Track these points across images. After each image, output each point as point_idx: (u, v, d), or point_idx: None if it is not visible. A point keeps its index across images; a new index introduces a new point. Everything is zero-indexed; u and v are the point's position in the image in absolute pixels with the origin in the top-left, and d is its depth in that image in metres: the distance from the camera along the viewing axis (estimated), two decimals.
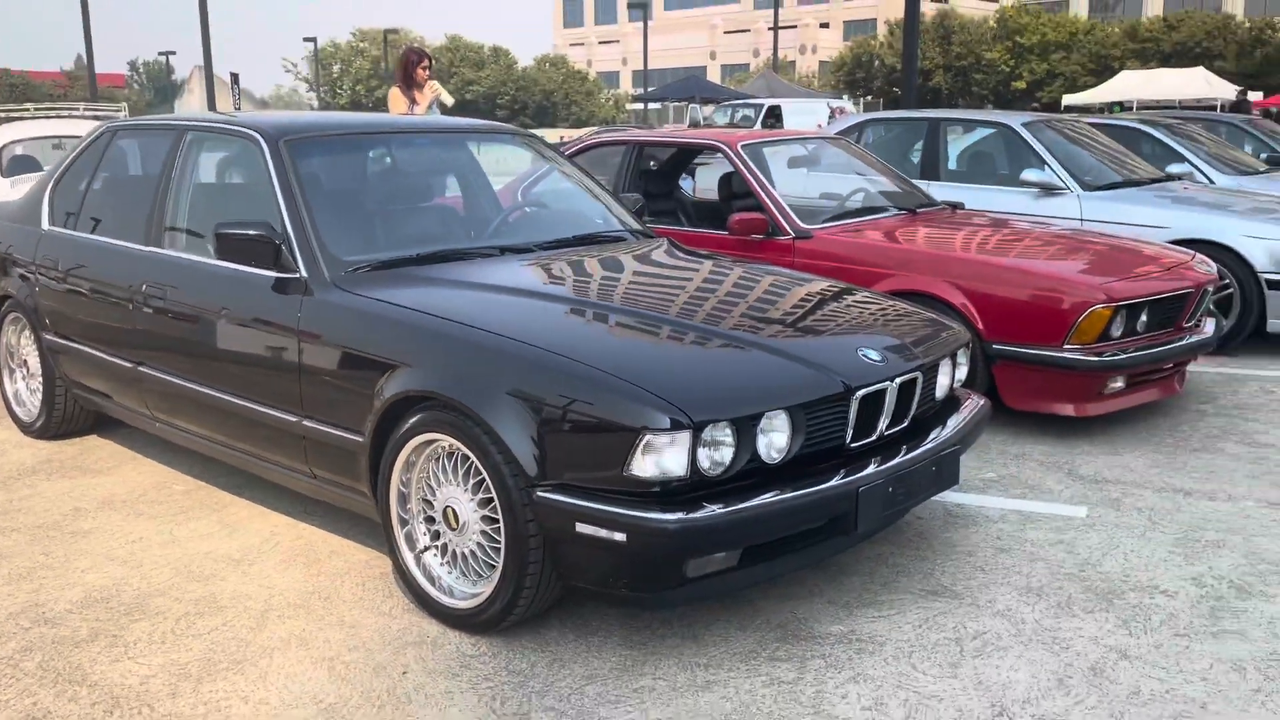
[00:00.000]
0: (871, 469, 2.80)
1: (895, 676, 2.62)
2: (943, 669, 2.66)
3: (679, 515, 2.46)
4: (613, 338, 2.87)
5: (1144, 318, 4.49)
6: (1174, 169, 7.67)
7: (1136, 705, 2.49)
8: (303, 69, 64.20)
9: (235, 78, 33.80)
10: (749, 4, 70.57)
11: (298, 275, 3.21)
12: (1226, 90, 31.86)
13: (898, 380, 2.92)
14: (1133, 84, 34.64)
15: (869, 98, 48.02)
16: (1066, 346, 4.34)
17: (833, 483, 2.70)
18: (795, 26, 64.54)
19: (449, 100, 7.58)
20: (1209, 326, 4.90)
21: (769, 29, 37.69)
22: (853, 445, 2.84)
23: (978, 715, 2.45)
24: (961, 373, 3.39)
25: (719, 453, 2.54)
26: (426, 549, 2.94)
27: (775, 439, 2.64)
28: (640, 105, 40.78)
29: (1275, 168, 9.01)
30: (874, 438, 2.91)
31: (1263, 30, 40.27)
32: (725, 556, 2.62)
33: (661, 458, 2.46)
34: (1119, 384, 4.47)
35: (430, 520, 2.92)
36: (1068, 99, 36.98)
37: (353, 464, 3.04)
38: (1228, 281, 5.95)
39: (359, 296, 3.09)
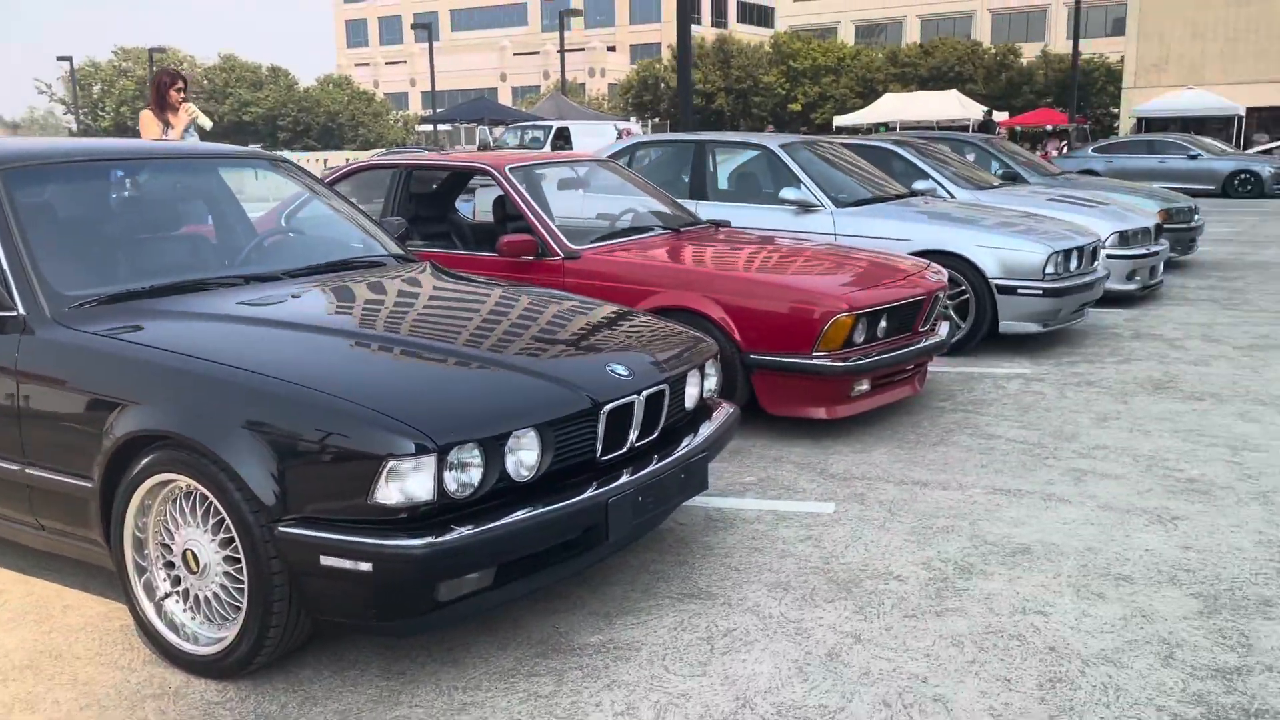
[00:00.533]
0: (620, 480, 2.89)
1: (648, 680, 2.71)
2: (693, 668, 2.77)
3: (427, 540, 2.46)
4: (354, 363, 2.83)
5: (884, 324, 4.84)
6: (919, 185, 8.33)
7: (866, 685, 2.68)
8: (58, 90, 59.51)
9: None
10: (537, 26, 71.15)
11: (15, 313, 3.00)
12: (977, 111, 34.83)
13: (645, 393, 3.03)
14: (895, 106, 37.34)
15: (656, 119, 49.34)
16: (815, 354, 4.63)
17: (583, 496, 2.77)
18: (584, 49, 65.56)
19: (206, 124, 7.26)
20: (943, 329, 5.35)
21: (558, 51, 38.12)
22: (604, 458, 2.93)
23: (723, 709, 2.57)
24: (711, 383, 3.56)
25: (467, 474, 2.56)
26: (168, 596, 2.81)
27: (524, 457, 2.68)
28: (430, 127, 40.21)
29: (1009, 182, 9.92)
30: (625, 450, 3.01)
31: (1006, 56, 44.22)
32: (479, 577, 2.64)
33: (406, 484, 2.45)
34: (865, 386, 4.81)
35: (170, 565, 2.79)
36: (838, 120, 39.41)
37: (83, 512, 2.86)
38: (963, 288, 6.51)
39: (84, 333, 2.92)
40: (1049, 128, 33.40)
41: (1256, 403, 5.35)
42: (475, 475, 2.57)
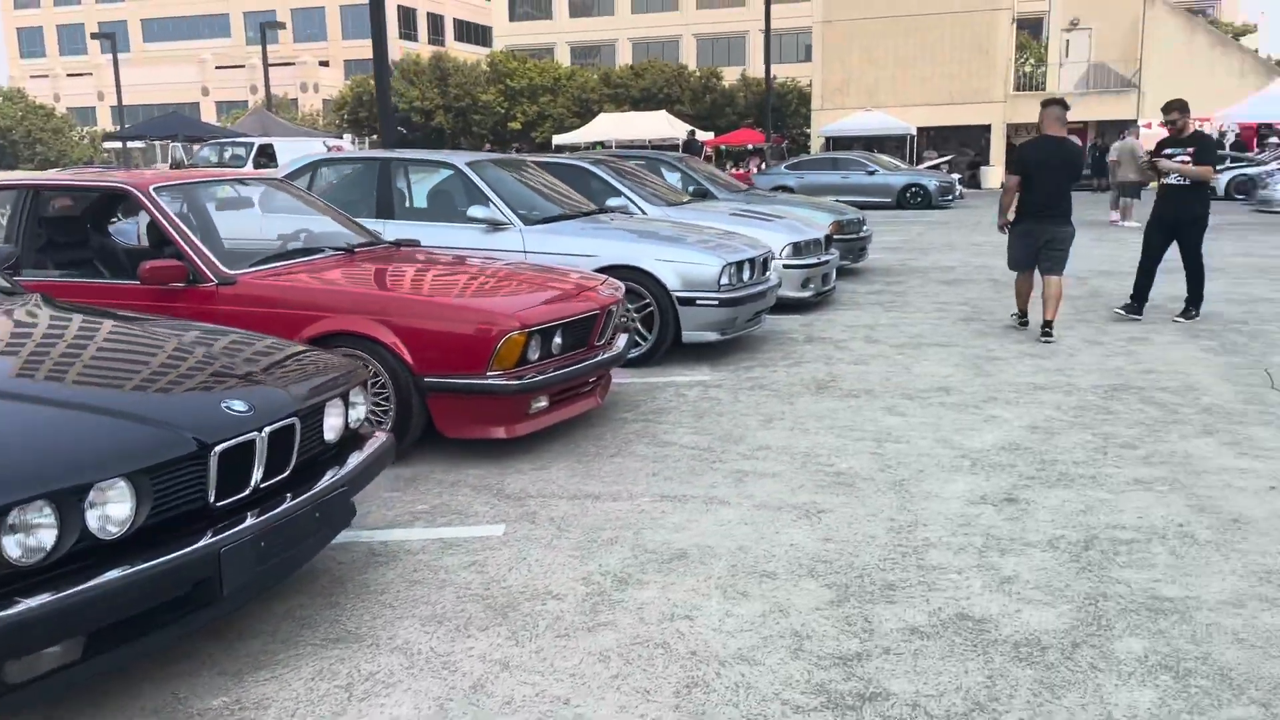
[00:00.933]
0: (238, 527, 2.66)
1: None
2: None
3: None
4: None
5: (558, 340, 4.85)
6: (611, 202, 8.52)
7: (507, 714, 2.61)
8: None
9: None
10: (241, 39, 67.29)
11: None
12: (684, 131, 36.46)
13: (268, 430, 2.82)
14: (610, 125, 38.41)
15: (374, 136, 47.95)
16: (489, 373, 4.55)
17: (189, 548, 2.53)
18: (294, 64, 62.73)
19: None
20: (621, 342, 5.43)
21: (264, 65, 36.06)
22: (220, 504, 2.69)
23: None
24: (358, 411, 3.38)
25: (34, 537, 2.25)
26: None
27: (112, 511, 2.40)
28: (119, 144, 36.86)
29: (699, 199, 10.37)
30: (248, 492, 2.78)
31: (709, 79, 46.59)
32: (63, 650, 2.34)
33: None
34: (543, 403, 4.79)
35: None
36: (557, 139, 40.02)
37: None
38: (648, 301, 6.68)
39: None
40: (750, 146, 35.52)
41: (904, 397, 5.83)
42: (47, 537, 2.27)
